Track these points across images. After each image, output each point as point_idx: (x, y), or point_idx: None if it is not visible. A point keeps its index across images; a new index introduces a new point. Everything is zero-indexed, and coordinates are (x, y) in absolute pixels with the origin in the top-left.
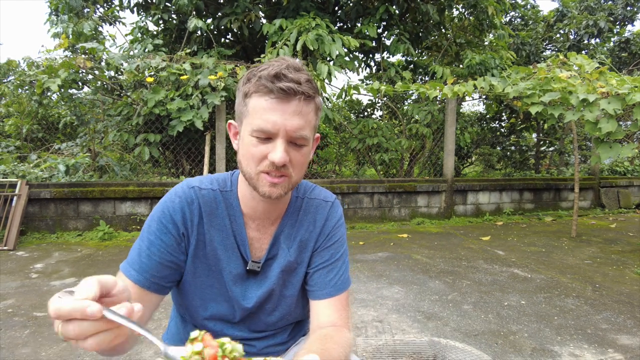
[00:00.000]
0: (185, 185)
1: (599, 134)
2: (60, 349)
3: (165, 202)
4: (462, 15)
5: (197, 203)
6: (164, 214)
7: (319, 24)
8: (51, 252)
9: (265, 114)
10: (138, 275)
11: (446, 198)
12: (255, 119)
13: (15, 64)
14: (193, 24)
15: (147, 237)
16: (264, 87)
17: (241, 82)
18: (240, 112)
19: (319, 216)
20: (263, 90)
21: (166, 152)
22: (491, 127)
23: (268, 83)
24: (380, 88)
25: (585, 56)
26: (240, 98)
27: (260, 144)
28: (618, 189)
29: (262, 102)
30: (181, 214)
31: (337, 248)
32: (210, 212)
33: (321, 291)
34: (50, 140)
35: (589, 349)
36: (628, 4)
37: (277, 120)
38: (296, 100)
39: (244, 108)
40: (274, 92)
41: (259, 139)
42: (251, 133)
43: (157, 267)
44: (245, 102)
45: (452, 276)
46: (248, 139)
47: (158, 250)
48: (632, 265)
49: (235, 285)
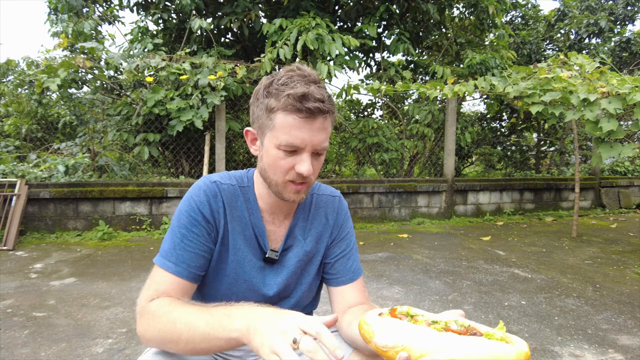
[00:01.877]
0: (207, 180)
1: (599, 133)
2: (59, 349)
3: (192, 197)
4: (462, 14)
5: (220, 196)
6: (192, 208)
7: (319, 23)
8: (50, 252)
9: (293, 131)
10: (176, 267)
11: (446, 198)
12: (282, 134)
13: (14, 63)
14: (197, 24)
15: (179, 231)
16: (292, 106)
17: (261, 94)
18: (263, 124)
19: (330, 210)
20: (291, 109)
21: (166, 152)
22: (492, 127)
23: (297, 103)
24: (380, 88)
25: (585, 56)
26: (261, 110)
27: (287, 156)
28: (619, 189)
29: (289, 120)
30: (208, 206)
31: (350, 238)
32: (231, 204)
33: (344, 277)
34: (49, 140)
35: (590, 349)
36: (629, 4)
37: (305, 137)
38: (321, 118)
39: (268, 121)
40: (303, 111)
41: (286, 152)
42: (278, 146)
43: (193, 258)
44: (270, 116)
45: (452, 276)
46: (274, 151)
47: (191, 242)
48: (632, 265)
49: (256, 273)
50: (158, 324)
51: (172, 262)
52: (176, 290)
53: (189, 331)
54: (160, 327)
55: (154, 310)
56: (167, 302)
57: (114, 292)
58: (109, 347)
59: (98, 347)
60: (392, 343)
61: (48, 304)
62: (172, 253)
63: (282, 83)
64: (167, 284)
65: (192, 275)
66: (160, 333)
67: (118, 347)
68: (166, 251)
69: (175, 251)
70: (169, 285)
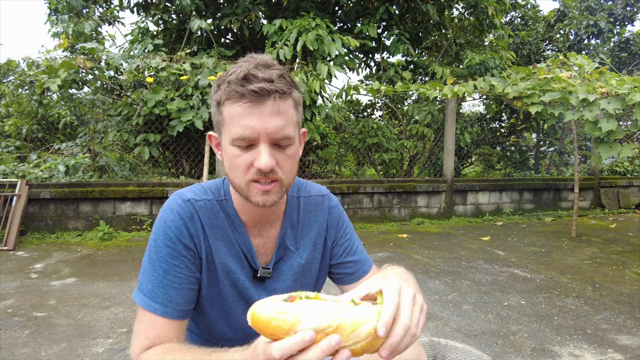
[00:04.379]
0: (179, 199)
1: (599, 133)
2: (60, 349)
3: (166, 223)
4: (462, 15)
5: (197, 216)
6: (168, 237)
7: (318, 24)
8: (51, 252)
9: (241, 120)
10: (164, 309)
11: (446, 198)
12: (232, 127)
13: (15, 64)
14: (197, 25)
15: (160, 266)
16: (234, 92)
17: (213, 90)
18: (217, 122)
19: (320, 212)
20: (235, 95)
21: (166, 152)
22: (491, 127)
23: (238, 87)
24: (380, 88)
25: (585, 56)
26: (214, 107)
27: (243, 152)
28: (618, 189)
29: (236, 109)
30: (187, 232)
31: (349, 232)
32: (211, 224)
33: (355, 273)
34: (50, 140)
35: (589, 349)
36: (628, 4)
37: (255, 124)
38: (271, 100)
39: (219, 117)
40: (246, 95)
41: (241, 148)
42: (232, 142)
43: (180, 294)
44: (219, 110)
45: (452, 276)
46: (230, 149)
47: (175, 277)
48: (632, 265)
49: (251, 294)
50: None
51: (158, 302)
52: (167, 332)
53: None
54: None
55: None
56: (161, 352)
57: (114, 292)
58: (109, 347)
59: (98, 347)
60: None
61: (48, 304)
62: (156, 293)
63: (229, 73)
64: (157, 328)
65: (182, 313)
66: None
67: (118, 347)
68: (150, 291)
69: (159, 290)
70: (160, 329)
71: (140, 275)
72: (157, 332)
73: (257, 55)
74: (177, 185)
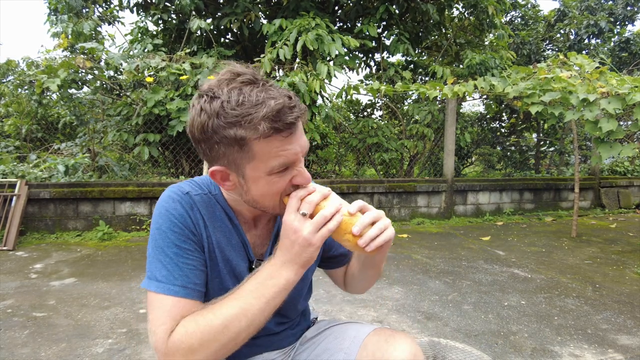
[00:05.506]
0: (178, 191)
1: (599, 133)
2: (59, 349)
3: (169, 211)
4: (462, 15)
5: (196, 208)
6: (174, 223)
7: (318, 23)
8: (50, 252)
9: (282, 152)
10: (185, 290)
11: (446, 198)
12: (269, 160)
13: (14, 63)
14: (196, 25)
15: (171, 251)
16: (272, 130)
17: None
18: (235, 159)
19: None
20: (272, 133)
21: (166, 152)
22: (491, 127)
23: (277, 124)
24: (380, 88)
25: (585, 56)
26: (226, 146)
27: (280, 177)
28: (618, 189)
29: (275, 144)
30: (190, 220)
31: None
32: (210, 215)
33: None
34: (49, 140)
35: (589, 349)
36: (628, 4)
37: (295, 150)
38: (299, 123)
39: (241, 154)
40: (284, 130)
41: (280, 173)
42: (270, 173)
43: (196, 275)
44: (242, 149)
45: (452, 276)
46: (266, 179)
47: (188, 258)
48: (632, 265)
49: None
50: (209, 336)
51: (178, 285)
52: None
53: (247, 316)
54: (214, 336)
55: (191, 333)
56: (194, 318)
57: (114, 292)
58: (109, 347)
59: (98, 347)
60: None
61: (48, 304)
62: (174, 276)
63: (238, 104)
64: (181, 308)
65: (200, 294)
66: (217, 342)
67: (118, 347)
68: (166, 276)
69: (176, 273)
70: (183, 310)
71: (150, 265)
72: (182, 312)
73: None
74: None
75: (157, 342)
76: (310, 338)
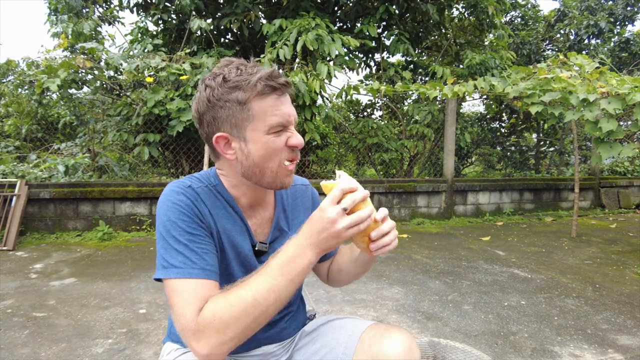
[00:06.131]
0: (182, 185)
1: (599, 133)
2: (59, 349)
3: (175, 203)
4: (462, 15)
5: (200, 199)
6: (182, 213)
7: (318, 24)
8: (50, 252)
9: (277, 110)
10: (204, 272)
11: (446, 198)
12: (267, 117)
13: (14, 64)
14: (196, 25)
15: (183, 238)
16: (267, 87)
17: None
18: (238, 120)
19: (306, 199)
20: (267, 90)
21: (166, 152)
22: (491, 127)
23: (270, 82)
24: (380, 88)
25: (585, 56)
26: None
27: (277, 137)
28: (618, 189)
29: (269, 102)
30: (197, 210)
31: None
32: (213, 205)
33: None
34: (49, 140)
35: (589, 349)
36: (628, 4)
37: (288, 111)
38: (287, 93)
39: (243, 114)
40: (277, 89)
41: (276, 133)
42: (268, 131)
43: (212, 258)
44: (245, 108)
45: (452, 276)
46: (264, 138)
47: (201, 244)
48: (632, 265)
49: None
50: (239, 309)
51: (197, 268)
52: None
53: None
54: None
55: (222, 308)
56: (223, 296)
57: (114, 292)
58: (109, 347)
59: (98, 348)
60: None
61: (48, 304)
62: (192, 260)
63: (238, 74)
64: (205, 288)
65: (217, 276)
66: (249, 316)
67: (118, 347)
68: (183, 262)
69: (193, 257)
70: (207, 290)
71: (163, 255)
72: (207, 293)
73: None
74: None
75: (185, 323)
76: (309, 333)
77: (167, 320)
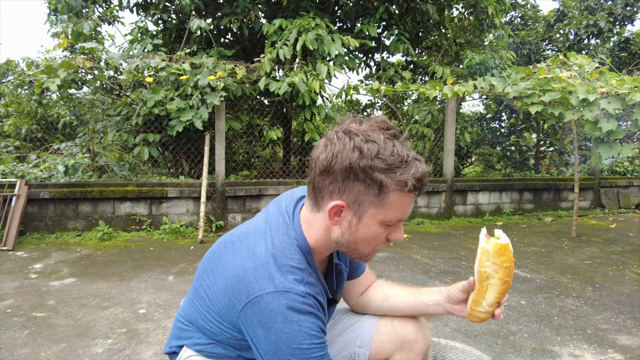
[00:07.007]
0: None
1: (599, 133)
2: (59, 349)
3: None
4: (462, 15)
5: (318, 305)
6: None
7: (318, 23)
8: (50, 252)
9: (404, 208)
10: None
11: (446, 198)
12: (392, 211)
13: (14, 63)
14: (196, 25)
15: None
16: (414, 187)
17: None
18: (366, 200)
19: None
20: (412, 190)
21: (165, 152)
22: (491, 127)
23: (419, 185)
24: (380, 88)
25: (585, 56)
26: (367, 187)
27: (387, 229)
28: (618, 189)
29: (406, 199)
30: (322, 323)
31: None
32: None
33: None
34: (49, 140)
35: (589, 349)
36: (628, 4)
37: (409, 210)
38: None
39: (376, 199)
40: (419, 192)
41: (389, 226)
42: (383, 222)
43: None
44: (382, 194)
45: (452, 276)
46: (375, 227)
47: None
48: (632, 265)
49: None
50: None
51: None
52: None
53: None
54: None
55: None
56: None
57: (113, 292)
58: (108, 347)
59: (98, 347)
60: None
61: (48, 304)
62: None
63: (392, 154)
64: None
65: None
66: None
67: (118, 347)
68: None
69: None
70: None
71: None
72: None
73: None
74: (177, 185)
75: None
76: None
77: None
